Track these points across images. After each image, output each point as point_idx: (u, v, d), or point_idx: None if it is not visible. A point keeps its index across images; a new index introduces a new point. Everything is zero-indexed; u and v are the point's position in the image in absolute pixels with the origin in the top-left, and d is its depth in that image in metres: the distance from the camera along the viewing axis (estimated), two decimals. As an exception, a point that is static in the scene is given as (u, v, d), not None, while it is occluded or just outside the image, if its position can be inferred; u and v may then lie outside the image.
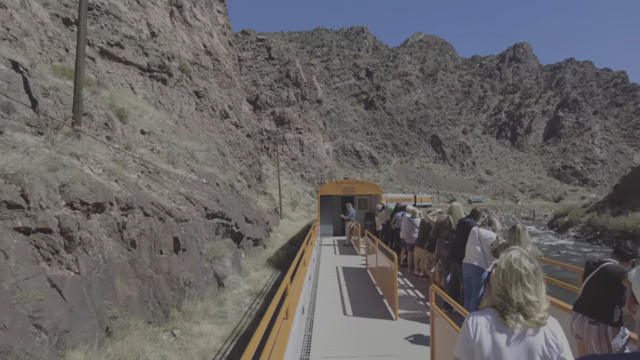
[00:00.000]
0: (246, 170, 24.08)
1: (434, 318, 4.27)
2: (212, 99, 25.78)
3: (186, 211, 8.32)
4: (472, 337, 1.90)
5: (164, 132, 13.67)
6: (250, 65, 70.64)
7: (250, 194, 20.13)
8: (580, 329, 3.67)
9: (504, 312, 1.89)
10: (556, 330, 1.89)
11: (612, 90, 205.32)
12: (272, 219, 21.53)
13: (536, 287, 1.90)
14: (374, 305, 7.12)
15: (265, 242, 14.71)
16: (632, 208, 38.41)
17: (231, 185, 12.48)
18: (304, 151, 61.00)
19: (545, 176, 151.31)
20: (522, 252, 2.03)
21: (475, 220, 6.23)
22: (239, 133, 28.00)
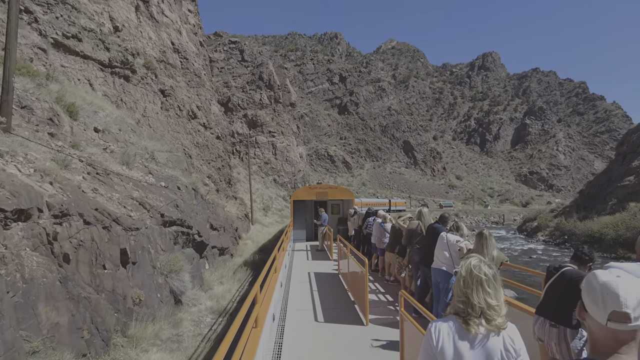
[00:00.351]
0: (215, 174, 22.93)
1: (403, 323, 4.36)
2: (179, 99, 24.52)
3: (138, 218, 7.29)
4: (435, 344, 1.94)
5: (121, 131, 12.50)
6: (222, 66, 68.98)
7: (218, 198, 19.03)
8: (542, 332, 3.75)
9: (467, 318, 1.94)
10: (514, 335, 1.95)
11: (574, 99, 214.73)
12: (242, 225, 20.46)
13: (496, 291, 1.96)
14: (345, 311, 7.15)
15: (232, 250, 13.67)
16: (597, 212, 39.47)
17: (195, 189, 11.44)
18: (277, 155, 59.85)
19: (513, 181, 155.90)
20: (480, 259, 2.08)
21: (443, 226, 6.36)
22: (208, 134, 26.79)
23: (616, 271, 1.36)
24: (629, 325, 1.25)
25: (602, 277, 1.34)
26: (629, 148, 43.19)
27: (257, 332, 3.98)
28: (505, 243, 44.06)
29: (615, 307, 1.26)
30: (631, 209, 35.06)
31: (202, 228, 10.25)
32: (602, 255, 32.10)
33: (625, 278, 1.31)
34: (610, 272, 1.36)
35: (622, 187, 38.79)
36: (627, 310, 1.24)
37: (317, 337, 5.91)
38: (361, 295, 6.89)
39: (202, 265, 10.13)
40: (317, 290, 8.76)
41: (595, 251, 32.67)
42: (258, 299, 4.30)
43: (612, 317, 1.27)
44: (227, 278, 10.64)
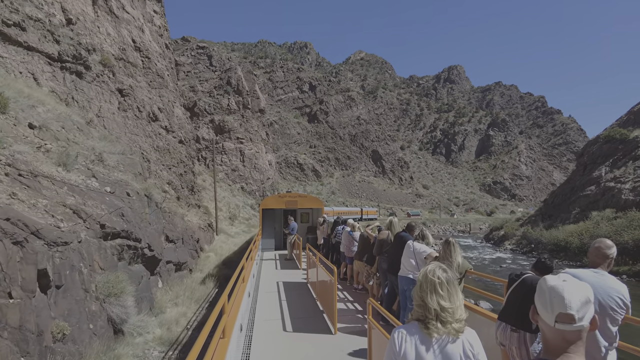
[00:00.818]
0: (176, 180, 21.32)
1: (371, 331, 4.40)
2: (139, 99, 22.78)
3: (70, 230, 5.91)
4: (398, 349, 1.99)
5: (64, 129, 10.92)
6: (189, 70, 66.74)
7: (179, 207, 17.50)
8: (504, 337, 3.84)
9: (426, 322, 1.99)
10: (473, 340, 2.01)
11: (534, 112, 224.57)
12: (205, 236, 18.94)
13: (449, 294, 2.01)
14: (314, 320, 7.13)
15: (192, 265, 12.21)
16: (562, 221, 40.32)
17: (148, 196, 10.04)
18: (245, 162, 58.08)
19: (478, 191, 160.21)
20: (437, 265, 2.14)
21: (410, 234, 6.46)
22: (170, 138, 25.10)
23: (564, 276, 1.46)
24: (574, 325, 1.34)
25: (551, 282, 1.44)
26: (589, 159, 44.67)
27: (224, 343, 3.91)
28: (474, 252, 44.27)
29: (561, 309, 1.36)
30: (593, 217, 35.91)
31: (155, 240, 8.88)
32: (568, 263, 32.56)
33: (571, 282, 1.41)
34: (558, 277, 1.46)
35: (584, 196, 39.84)
36: (572, 312, 1.34)
37: (285, 347, 5.85)
38: (330, 304, 6.86)
39: (154, 284, 8.73)
40: (286, 299, 8.67)
41: (562, 259, 33.11)
42: (226, 309, 4.22)
43: (558, 318, 1.36)
44: (183, 298, 9.25)
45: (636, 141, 39.65)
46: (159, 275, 9.30)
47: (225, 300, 4.19)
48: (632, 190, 35.17)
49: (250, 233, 33.10)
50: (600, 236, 32.16)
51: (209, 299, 10.24)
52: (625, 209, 33.90)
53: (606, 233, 30.82)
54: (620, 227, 30.72)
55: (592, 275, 3.15)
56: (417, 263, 5.76)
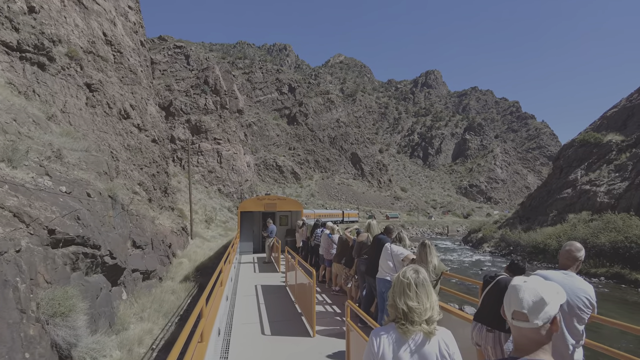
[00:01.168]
0: (148, 181, 20.08)
1: (349, 333, 4.43)
2: (109, 95, 21.43)
3: (4, 237, 4.89)
4: (376, 350, 2.02)
5: (16, 122, 9.75)
6: (165, 69, 64.72)
7: (150, 209, 16.33)
8: (479, 337, 3.90)
9: (399, 323, 2.04)
10: (449, 340, 2.04)
11: (508, 117, 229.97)
12: (178, 241, 17.78)
13: (417, 295, 2.04)
14: (292, 323, 7.13)
15: (162, 273, 11.11)
16: (539, 224, 40.71)
17: (113, 197, 8.98)
18: (223, 163, 56.52)
19: (454, 194, 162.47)
20: (412, 267, 2.19)
21: (388, 237, 6.50)
22: (142, 137, 23.79)
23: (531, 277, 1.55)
24: (527, 324, 1.42)
25: (514, 282, 1.53)
26: (565, 162, 45.41)
27: (202, 347, 3.89)
28: (454, 255, 44.25)
29: (516, 307, 1.45)
30: (570, 220, 36.33)
31: (119, 246, 7.85)
32: (547, 265, 32.74)
33: (531, 283, 1.48)
34: (522, 278, 1.54)
35: (561, 199, 40.37)
36: (524, 310, 1.42)
37: (263, 350, 5.84)
38: (308, 307, 6.83)
39: (116, 296, 7.70)
40: (264, 303, 8.62)
41: (540, 261, 33.27)
42: (204, 313, 4.16)
43: (514, 315, 1.46)
44: (150, 311, 8.22)
45: (609, 145, 40.47)
46: (123, 285, 8.25)
47: (204, 303, 4.11)
48: (607, 193, 35.76)
49: (227, 237, 31.89)
50: (578, 238, 32.49)
51: (179, 312, 9.23)
52: (601, 211, 34.41)
53: (583, 235, 31.13)
54: (597, 229, 31.05)
55: (561, 276, 3.24)
56: (395, 265, 5.83)
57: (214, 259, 17.17)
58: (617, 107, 47.25)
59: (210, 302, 4.92)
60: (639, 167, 35.56)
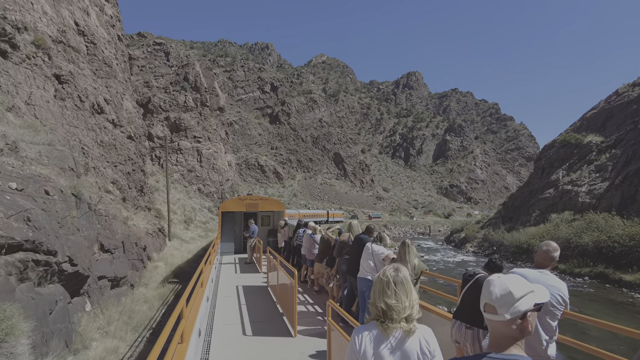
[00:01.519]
0: (122, 179, 18.91)
1: (330, 333, 4.49)
2: (81, 88, 20.11)
3: None
4: (358, 348, 2.05)
5: (-36, 111, 8.64)
6: (143, 65, 62.63)
7: (124, 209, 15.23)
8: (459, 334, 3.96)
9: (379, 320, 2.07)
10: (429, 338, 2.08)
11: (488, 119, 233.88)
12: (154, 243, 16.68)
13: (396, 293, 2.06)
14: (274, 323, 7.11)
15: (134, 279, 10.04)
16: (522, 224, 40.88)
17: (77, 196, 7.97)
18: (203, 162, 54.98)
19: (435, 194, 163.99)
20: (393, 266, 2.21)
21: (369, 237, 6.55)
22: (117, 133, 22.52)
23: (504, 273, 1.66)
24: (496, 316, 1.46)
25: (489, 277, 1.58)
26: (546, 163, 45.86)
27: (182, 348, 3.87)
28: (437, 255, 44.10)
29: (486, 300, 1.51)
30: (553, 220, 36.55)
31: (81, 251, 6.87)
32: (531, 265, 32.72)
33: (503, 279, 1.54)
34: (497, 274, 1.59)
35: (543, 199, 40.63)
36: (493, 303, 1.47)
37: (244, 350, 5.80)
38: (290, 307, 6.82)
39: (78, 308, 6.71)
40: (246, 303, 8.58)
41: (524, 261, 33.28)
42: (184, 314, 4.14)
43: (485, 308, 1.51)
44: (118, 324, 7.23)
45: (589, 146, 40.98)
46: (87, 295, 7.25)
47: (184, 304, 4.10)
48: (588, 193, 36.11)
49: (207, 238, 30.74)
50: (561, 238, 32.61)
51: (152, 324, 8.27)
52: (583, 211, 34.69)
53: (566, 235, 31.26)
54: (579, 229, 31.21)
55: (537, 274, 3.29)
56: (376, 264, 5.85)
57: (192, 262, 16.19)
58: (596, 109, 48.03)
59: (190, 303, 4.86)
60: (618, 167, 36.03)
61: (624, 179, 33.89)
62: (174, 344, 3.39)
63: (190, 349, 4.33)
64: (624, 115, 42.43)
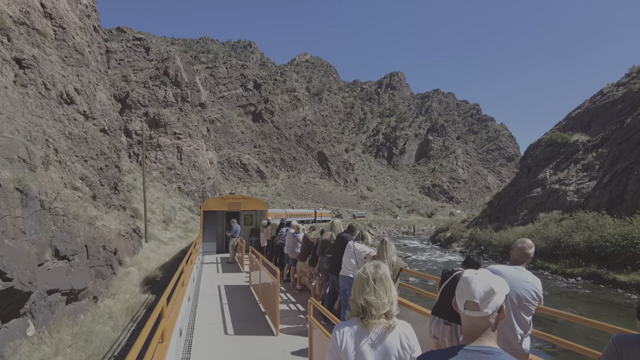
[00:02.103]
0: (93, 175, 17.24)
1: (312, 330, 4.48)
2: (47, 74, 18.30)
3: None
4: (339, 345, 2.07)
5: None
6: (121, 58, 59.95)
7: (94, 207, 13.64)
8: (437, 330, 4.01)
9: (360, 317, 2.10)
10: (409, 333, 2.12)
11: (469, 119, 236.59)
12: (127, 245, 15.10)
13: (375, 290, 2.09)
14: (256, 323, 7.11)
15: (99, 290, 8.41)
16: (510, 223, 40.50)
17: (23, 191, 6.50)
18: (183, 160, 52.84)
19: (418, 193, 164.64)
20: (373, 263, 2.23)
21: (351, 235, 6.64)
22: (89, 126, 20.75)
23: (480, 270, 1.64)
24: (478, 312, 1.50)
25: (465, 274, 1.61)
26: (533, 162, 45.72)
27: (163, 347, 3.83)
28: (424, 254, 43.40)
29: (468, 298, 1.53)
30: (541, 219, 36.21)
31: (19, 261, 5.40)
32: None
33: (481, 275, 1.58)
34: (472, 271, 1.62)
35: (530, 198, 40.33)
36: (476, 300, 1.51)
37: (226, 350, 5.78)
38: (272, 306, 6.83)
39: (17, 334, 5.24)
40: (227, 303, 8.57)
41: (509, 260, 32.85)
42: (164, 313, 4.07)
43: (466, 305, 1.54)
44: (73, 350, 5.73)
45: (576, 145, 40.89)
46: (30, 315, 5.79)
47: (164, 304, 4.01)
48: (576, 192, 35.89)
49: (188, 239, 29.10)
50: (551, 238, 32.21)
51: (114, 350, 6.76)
52: (571, 210, 34.45)
53: (556, 234, 30.89)
54: (569, 228, 30.82)
55: (512, 270, 3.38)
56: (357, 262, 5.88)
57: (170, 266, 14.74)
58: (581, 109, 48.16)
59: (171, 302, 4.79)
60: (605, 166, 35.92)
61: (612, 177, 33.74)
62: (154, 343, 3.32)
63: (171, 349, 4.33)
64: (609, 115, 42.55)
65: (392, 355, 2.04)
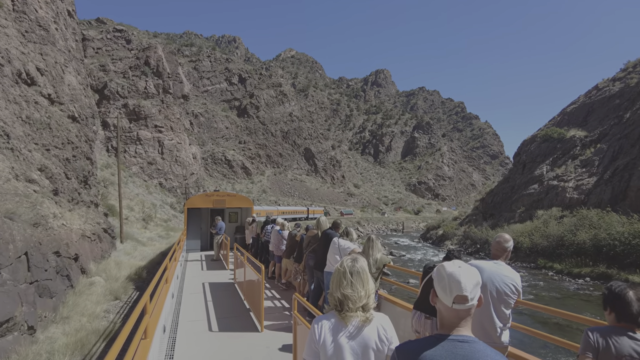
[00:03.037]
0: (57, 166, 14.85)
1: (296, 326, 4.48)
2: (0, 48, 15.79)
3: None
4: (317, 338, 2.08)
5: None
6: (99, 47, 56.44)
7: (53, 204, 11.30)
8: (418, 324, 4.04)
9: (337, 310, 2.11)
10: (387, 326, 2.13)
11: (454, 117, 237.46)
12: (94, 249, 12.75)
13: (352, 283, 2.10)
14: (240, 319, 7.10)
15: (40, 314, 6.16)
16: (506, 220, 39.22)
17: None
18: (165, 154, 49.95)
19: (404, 190, 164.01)
20: (351, 257, 2.25)
21: (336, 232, 6.63)
22: (55, 111, 18.25)
23: (458, 262, 1.66)
24: (467, 305, 1.56)
25: (448, 269, 1.63)
26: (528, 158, 44.62)
27: (146, 344, 3.77)
28: (418, 253, 41.90)
29: (458, 292, 1.56)
30: (540, 216, 34.97)
31: None
32: (521, 264, 30.91)
33: (465, 269, 1.61)
34: (453, 264, 1.64)
35: (527, 195, 39.12)
36: (466, 294, 1.55)
37: (210, 346, 5.74)
38: (257, 303, 6.84)
39: None
40: (212, 300, 8.51)
41: (513, 261, 31.38)
42: (148, 309, 3.99)
43: (456, 300, 1.56)
44: None
45: (573, 140, 39.83)
46: None
47: (147, 300, 3.94)
48: (576, 188, 34.76)
49: (169, 238, 26.73)
50: (553, 235, 30.88)
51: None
52: (571, 207, 33.32)
53: (558, 232, 29.66)
54: (572, 226, 29.55)
55: (492, 265, 3.41)
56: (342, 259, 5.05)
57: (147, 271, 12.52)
58: (577, 104, 47.27)
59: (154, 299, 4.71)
60: (605, 162, 34.87)
61: (613, 173, 32.65)
62: (136, 340, 3.25)
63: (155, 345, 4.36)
64: (606, 110, 41.65)
65: (370, 347, 2.05)
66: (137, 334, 3.32)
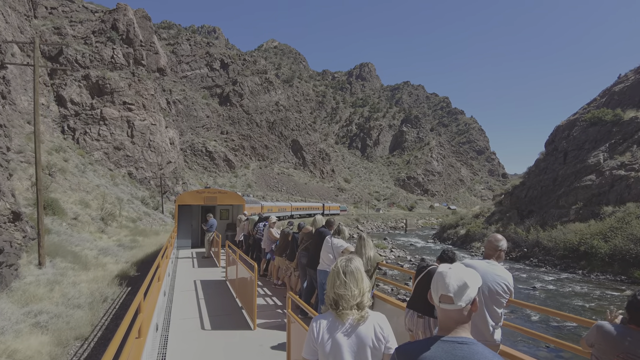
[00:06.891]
0: None
1: (290, 324, 4.48)
2: None
3: None
4: (316, 337, 2.11)
5: None
6: (54, 6, 46.64)
7: None
8: (411, 323, 4.12)
9: (334, 309, 2.12)
10: (383, 324, 2.14)
11: (439, 112, 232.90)
12: None
13: (345, 283, 2.11)
14: (233, 317, 7.07)
15: None
16: (557, 218, 32.25)
17: None
18: (135, 137, 40.88)
19: (393, 185, 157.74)
20: (345, 257, 2.25)
21: (329, 230, 6.60)
22: None
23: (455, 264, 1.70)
24: (453, 305, 1.55)
25: (440, 269, 1.66)
26: (570, 145, 38.04)
27: (140, 343, 3.80)
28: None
29: (443, 292, 1.58)
30: (610, 213, 28.17)
31: None
32: (597, 277, 23.94)
33: (455, 270, 1.62)
34: (446, 265, 1.67)
35: (582, 187, 32.29)
36: (450, 294, 1.56)
37: (203, 344, 5.71)
38: (249, 301, 6.82)
39: None
40: (204, 298, 8.43)
41: (585, 270, 24.16)
42: (142, 308, 4.01)
43: (441, 299, 1.59)
44: None
45: (636, 122, 33.25)
46: None
47: (141, 298, 3.94)
48: (653, 179, 28.06)
49: (135, 249, 18.45)
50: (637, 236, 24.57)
51: None
52: (650, 201, 26.76)
53: (651, 234, 22.91)
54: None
55: (484, 265, 3.39)
56: (335, 257, 5.86)
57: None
58: (627, 82, 40.78)
59: (148, 297, 4.56)
60: (685, 147, 28.31)
61: None
62: (131, 339, 3.22)
63: (148, 343, 4.33)
64: (668, 87, 35.29)
65: (367, 345, 2.07)
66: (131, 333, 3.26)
